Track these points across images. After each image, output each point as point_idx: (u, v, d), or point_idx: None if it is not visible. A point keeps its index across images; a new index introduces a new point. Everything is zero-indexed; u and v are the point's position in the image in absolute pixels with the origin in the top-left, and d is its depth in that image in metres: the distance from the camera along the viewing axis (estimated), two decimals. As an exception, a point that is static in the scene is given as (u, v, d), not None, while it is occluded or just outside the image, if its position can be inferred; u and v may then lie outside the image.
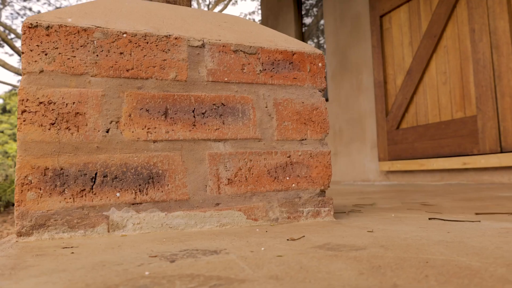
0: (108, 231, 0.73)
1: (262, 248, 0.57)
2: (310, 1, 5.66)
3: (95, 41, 0.76)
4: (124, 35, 0.79)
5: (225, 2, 14.75)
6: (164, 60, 0.82)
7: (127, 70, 0.78)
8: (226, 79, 0.87)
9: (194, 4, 14.81)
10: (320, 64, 0.98)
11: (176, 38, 0.84)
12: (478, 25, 2.73)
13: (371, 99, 3.91)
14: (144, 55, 0.80)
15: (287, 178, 0.91)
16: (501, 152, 2.56)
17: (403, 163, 3.36)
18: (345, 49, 4.39)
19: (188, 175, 0.81)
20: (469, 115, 2.81)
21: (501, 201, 1.21)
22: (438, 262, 0.45)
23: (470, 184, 2.54)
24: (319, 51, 0.99)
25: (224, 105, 0.87)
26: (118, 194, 0.74)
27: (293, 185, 0.91)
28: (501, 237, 0.60)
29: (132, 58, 0.79)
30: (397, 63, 3.53)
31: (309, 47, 0.99)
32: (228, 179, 0.85)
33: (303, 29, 5.60)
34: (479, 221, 0.80)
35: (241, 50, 0.90)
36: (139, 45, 0.80)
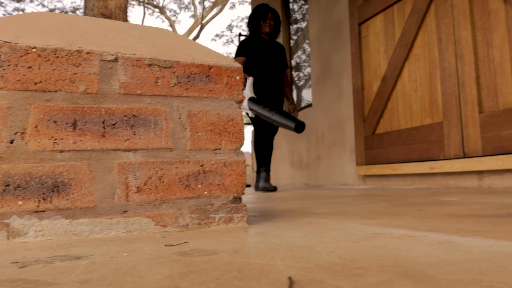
0: (8, 238, 0.77)
1: (125, 254, 0.61)
2: (301, 9, 5.72)
3: (2, 56, 0.80)
4: (34, 49, 0.83)
5: (220, 6, 14.83)
6: (74, 73, 0.86)
7: (35, 83, 0.82)
8: (139, 91, 0.92)
9: (192, 7, 14.85)
10: (237, 77, 1.03)
11: (88, 53, 0.88)
12: (445, 34, 2.79)
13: (351, 105, 3.96)
14: (54, 69, 0.85)
15: (199, 186, 0.95)
16: (464, 157, 2.60)
17: (378, 167, 3.41)
18: (327, 56, 4.44)
19: (96, 183, 0.85)
20: (436, 122, 2.86)
21: (434, 207, 1.25)
22: (253, 266, 0.49)
23: (437, 188, 2.58)
24: (237, 65, 1.04)
25: (136, 117, 0.91)
26: (20, 203, 0.78)
27: (205, 192, 0.95)
28: (351, 241, 0.64)
29: (41, 72, 0.83)
30: (373, 70, 3.58)
31: (228, 60, 1.03)
32: (137, 187, 0.89)
33: (295, 36, 5.65)
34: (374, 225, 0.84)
35: (155, 64, 0.94)
36: (49, 59, 0.84)
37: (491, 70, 2.47)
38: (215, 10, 15.54)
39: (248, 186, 8.85)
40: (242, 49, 3.52)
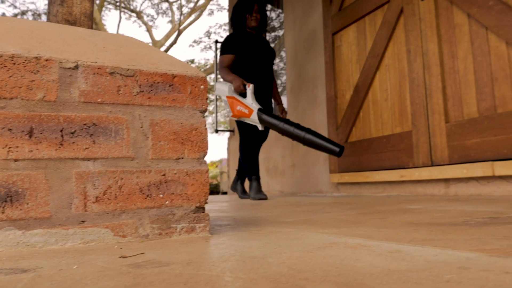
0: (-44, 249, 0.74)
1: (75, 267, 0.60)
2: (279, 17, 5.78)
3: (-46, 63, 0.78)
4: (-11, 57, 0.81)
5: (198, 13, 14.82)
6: (32, 81, 0.85)
7: (-11, 91, 0.80)
8: (99, 100, 0.91)
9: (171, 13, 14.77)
10: (202, 87, 1.03)
11: (47, 60, 0.87)
12: (413, 46, 2.87)
13: (325, 113, 4.01)
14: (10, 76, 0.83)
15: (161, 195, 0.94)
16: (432, 165, 2.67)
17: (351, 175, 3.46)
18: (302, 64, 4.50)
19: (52, 193, 0.83)
20: (406, 130, 2.93)
21: (397, 215, 1.28)
22: (201, 278, 0.49)
23: (406, 195, 2.64)
24: (202, 74, 1.04)
25: (96, 125, 0.90)
26: (-30, 212, 0.76)
27: (167, 202, 0.95)
28: (305, 251, 0.65)
29: (-4, 79, 0.81)
30: (346, 79, 3.64)
31: (192, 70, 1.04)
32: (96, 197, 0.88)
33: (273, 44, 5.70)
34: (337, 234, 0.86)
35: (117, 73, 0.94)
36: (5, 66, 0.83)
37: (456, 82, 2.56)
38: (193, 16, 15.52)
39: (225, 193, 8.81)
40: (229, 46, 3.17)
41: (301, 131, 2.38)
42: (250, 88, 2.74)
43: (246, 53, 3.18)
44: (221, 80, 3.06)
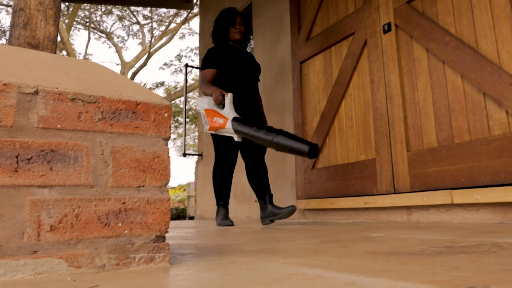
0: None
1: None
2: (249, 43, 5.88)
3: None
4: None
5: (169, 36, 14.89)
6: (-13, 106, 0.82)
7: None
8: (59, 126, 0.89)
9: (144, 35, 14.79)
10: (166, 115, 1.03)
11: (5, 84, 0.85)
12: (377, 77, 2.99)
13: (292, 139, 4.06)
14: (-36, 101, 0.80)
15: (120, 224, 0.92)
16: (395, 193, 2.75)
17: (317, 201, 3.49)
18: (271, 90, 4.57)
19: (3, 221, 0.80)
20: (370, 158, 3.01)
21: (358, 243, 1.30)
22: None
23: (370, 222, 2.69)
24: (166, 102, 1.04)
25: (54, 152, 0.88)
26: None
27: (126, 231, 0.93)
28: (263, 284, 0.65)
29: (-51, 103, 0.79)
30: (313, 107, 3.73)
31: (156, 97, 1.04)
32: (51, 225, 0.85)
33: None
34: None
35: (79, 99, 0.93)
36: (-41, 91, 0.80)
37: (417, 112, 2.67)
38: (164, 39, 15.56)
39: (192, 218, 8.67)
40: (211, 60, 3.01)
41: (270, 134, 2.18)
42: (228, 97, 2.59)
43: (230, 67, 3.02)
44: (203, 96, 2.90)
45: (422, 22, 2.69)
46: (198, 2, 7.14)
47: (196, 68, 6.64)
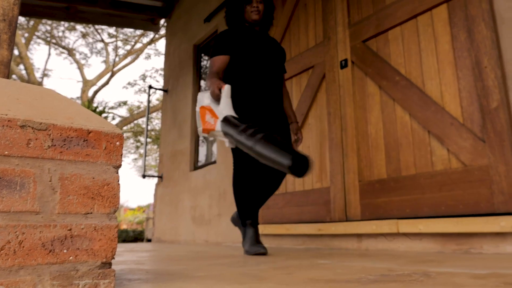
0: None
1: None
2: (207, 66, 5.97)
3: None
4: None
5: (134, 56, 14.82)
6: None
7: None
8: (6, 152, 0.90)
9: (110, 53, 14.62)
10: (117, 143, 1.06)
11: (-46, 110, 0.86)
12: (333, 109, 3.13)
13: (252, 165, 4.12)
14: None
15: (65, 251, 0.93)
16: (347, 221, 2.85)
17: (273, 227, 3.54)
18: (234, 115, 4.64)
19: None
20: (325, 186, 3.11)
21: (304, 270, 1.35)
22: None
23: (323, 248, 2.76)
24: (118, 131, 1.07)
25: (0, 178, 0.88)
26: None
27: (71, 258, 0.94)
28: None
29: None
30: (273, 134, 3.81)
31: (109, 126, 1.07)
32: (-8, 252, 0.85)
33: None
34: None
35: (29, 126, 0.94)
36: None
37: (368, 144, 2.81)
38: (129, 59, 15.46)
39: (149, 240, 8.46)
40: (224, 45, 2.35)
41: (252, 138, 1.71)
42: (224, 90, 2.01)
43: (246, 53, 2.37)
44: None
45: (376, 61, 2.87)
46: (166, 24, 7.21)
47: (160, 89, 6.65)
